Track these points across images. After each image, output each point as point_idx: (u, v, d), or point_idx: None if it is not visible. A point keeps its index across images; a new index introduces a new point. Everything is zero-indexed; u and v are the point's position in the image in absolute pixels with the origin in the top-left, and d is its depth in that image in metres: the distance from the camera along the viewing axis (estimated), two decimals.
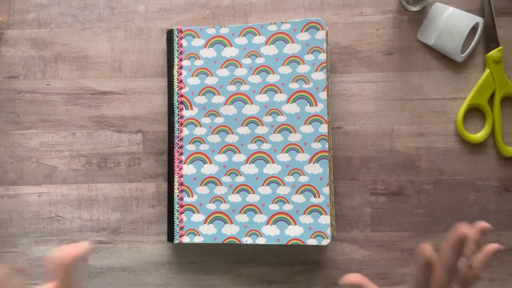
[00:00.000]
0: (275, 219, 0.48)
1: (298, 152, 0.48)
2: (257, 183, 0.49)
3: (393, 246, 0.51)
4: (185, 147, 0.50)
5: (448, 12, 0.51)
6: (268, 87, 0.49)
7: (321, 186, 0.48)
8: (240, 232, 0.49)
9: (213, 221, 0.49)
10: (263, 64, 0.50)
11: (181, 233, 0.50)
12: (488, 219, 0.51)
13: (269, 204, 0.49)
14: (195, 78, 0.50)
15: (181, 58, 0.51)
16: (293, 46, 0.49)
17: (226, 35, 0.50)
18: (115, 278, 0.52)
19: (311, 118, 0.49)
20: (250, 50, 0.50)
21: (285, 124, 0.49)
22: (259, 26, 0.50)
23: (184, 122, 0.50)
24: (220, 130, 0.50)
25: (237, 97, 0.50)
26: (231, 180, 0.49)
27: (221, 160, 0.50)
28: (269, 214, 0.48)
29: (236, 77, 0.50)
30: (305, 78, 0.49)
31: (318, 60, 0.49)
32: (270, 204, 0.48)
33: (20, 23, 0.55)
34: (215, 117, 0.50)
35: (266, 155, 0.49)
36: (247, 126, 0.49)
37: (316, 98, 0.48)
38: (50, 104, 0.54)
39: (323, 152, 0.48)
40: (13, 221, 0.53)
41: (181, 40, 0.51)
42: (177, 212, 0.50)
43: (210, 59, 0.50)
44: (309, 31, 0.49)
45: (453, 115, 0.52)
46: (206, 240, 0.49)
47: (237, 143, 0.49)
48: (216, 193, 0.49)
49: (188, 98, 0.50)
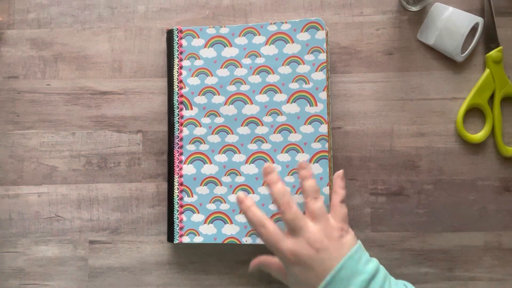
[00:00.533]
0: (275, 219, 0.48)
1: (298, 152, 0.48)
2: (257, 183, 0.49)
3: (393, 246, 0.51)
4: (185, 147, 0.50)
5: (448, 12, 0.51)
6: (268, 87, 0.49)
7: (321, 186, 0.48)
8: (240, 232, 0.49)
9: (213, 221, 0.49)
10: (263, 64, 0.50)
11: (181, 233, 0.50)
12: (488, 219, 0.51)
13: (269, 204, 0.49)
14: (195, 78, 0.50)
15: (181, 58, 0.51)
16: (293, 46, 0.49)
17: (226, 35, 0.50)
18: (115, 278, 0.52)
19: (311, 118, 0.49)
20: (250, 50, 0.50)
21: (285, 124, 0.49)
22: (259, 26, 0.50)
23: (184, 122, 0.50)
24: (220, 130, 0.50)
25: (237, 97, 0.50)
26: (231, 180, 0.49)
27: (221, 160, 0.50)
28: (269, 214, 0.48)
29: (236, 77, 0.50)
30: (305, 78, 0.49)
31: (318, 60, 0.49)
32: (270, 204, 0.49)
33: (20, 23, 0.55)
34: (215, 117, 0.50)
35: (266, 155, 0.49)
36: (247, 126, 0.49)
37: (316, 98, 0.48)
38: (50, 104, 0.54)
39: (323, 152, 0.48)
40: (13, 221, 0.53)
41: (181, 40, 0.51)
42: (177, 212, 0.50)
43: (210, 59, 0.50)
44: (309, 31, 0.49)
45: (453, 115, 0.52)
46: (206, 240, 0.49)
47: (237, 143, 0.49)
48: (216, 193, 0.49)
49: (188, 98, 0.50)
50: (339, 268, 0.39)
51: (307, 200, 0.43)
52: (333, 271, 0.39)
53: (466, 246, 0.51)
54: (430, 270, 0.51)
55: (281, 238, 0.42)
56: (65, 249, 0.53)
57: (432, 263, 0.51)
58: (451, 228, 0.51)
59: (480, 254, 0.51)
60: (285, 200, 0.42)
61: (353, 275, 0.39)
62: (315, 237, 0.41)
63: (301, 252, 0.40)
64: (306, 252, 0.40)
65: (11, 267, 0.53)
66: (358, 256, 0.40)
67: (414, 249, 0.51)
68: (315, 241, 0.40)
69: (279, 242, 0.41)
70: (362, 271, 0.39)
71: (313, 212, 0.42)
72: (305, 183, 0.43)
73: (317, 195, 0.43)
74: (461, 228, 0.51)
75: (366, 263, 0.40)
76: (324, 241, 0.40)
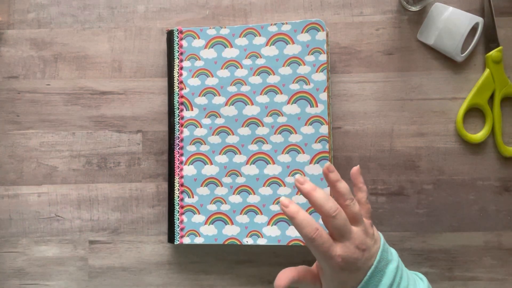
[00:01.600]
0: (276, 219, 0.48)
1: (299, 153, 0.48)
2: (258, 184, 0.49)
3: (393, 246, 0.51)
4: (186, 148, 0.50)
5: (448, 12, 0.51)
6: (268, 88, 0.49)
7: (322, 187, 0.48)
8: (240, 233, 0.49)
9: (213, 222, 0.49)
10: (263, 65, 0.50)
11: (181, 234, 0.50)
12: (488, 219, 0.51)
13: (270, 205, 0.49)
14: (196, 79, 0.50)
15: (182, 59, 0.51)
16: (294, 47, 0.49)
17: (226, 36, 0.50)
18: (115, 278, 0.52)
19: (311, 119, 0.49)
20: (250, 51, 0.50)
21: (286, 125, 0.49)
22: (259, 27, 0.50)
23: (185, 123, 0.50)
24: (220, 131, 0.50)
25: (237, 98, 0.50)
26: (232, 181, 0.49)
27: (222, 161, 0.50)
28: (269, 215, 0.48)
29: (237, 77, 0.50)
30: (305, 79, 0.49)
31: (318, 61, 0.49)
32: (271, 205, 0.49)
33: (20, 23, 0.55)
34: (216, 118, 0.50)
35: (267, 156, 0.49)
36: (248, 127, 0.49)
37: (316, 99, 0.48)
38: (50, 104, 0.54)
39: (323, 153, 0.48)
40: (13, 221, 0.53)
41: (182, 41, 0.51)
42: (177, 213, 0.50)
43: (211, 60, 0.50)
44: (310, 32, 0.49)
45: (453, 115, 0.52)
46: (207, 241, 0.49)
47: (237, 144, 0.49)
48: (216, 194, 0.49)
49: (188, 99, 0.50)
50: (378, 261, 0.39)
51: (346, 203, 0.41)
52: (373, 266, 0.39)
53: (466, 246, 0.51)
54: (430, 270, 0.51)
55: (332, 244, 0.39)
56: (65, 249, 0.53)
57: (432, 263, 0.51)
58: (451, 228, 0.51)
59: (480, 254, 0.51)
60: (333, 205, 0.39)
61: (386, 264, 0.40)
62: (360, 239, 0.40)
63: (351, 256, 0.39)
64: (355, 255, 0.39)
65: (11, 267, 0.53)
66: (386, 246, 0.42)
67: (414, 249, 0.51)
68: (362, 243, 0.39)
69: (331, 248, 0.39)
70: (392, 259, 0.41)
71: (354, 215, 0.40)
72: (340, 185, 0.41)
73: (352, 196, 0.41)
74: (461, 228, 0.51)
75: (391, 250, 0.42)
76: (367, 242, 0.40)
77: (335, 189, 0.41)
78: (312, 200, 0.40)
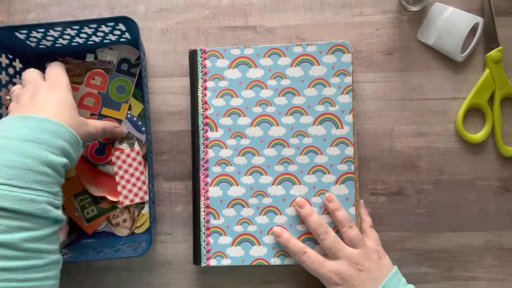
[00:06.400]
0: (303, 239, 0.48)
1: (325, 173, 0.48)
2: (284, 204, 0.49)
3: (393, 246, 0.51)
4: (211, 169, 0.49)
5: (448, 12, 0.51)
6: (294, 109, 0.49)
7: (348, 206, 0.48)
8: (268, 253, 0.49)
9: (240, 243, 0.49)
10: (288, 86, 0.49)
11: (208, 256, 0.49)
12: (488, 219, 0.51)
13: (297, 225, 0.48)
14: (220, 99, 0.50)
15: (205, 79, 0.50)
16: (319, 69, 0.49)
17: (250, 56, 0.50)
18: (115, 278, 0.52)
19: (337, 141, 0.49)
20: (275, 71, 0.49)
21: (311, 146, 0.49)
22: (284, 47, 0.49)
23: (209, 144, 0.50)
24: (246, 152, 0.49)
25: (262, 118, 0.49)
26: (258, 201, 0.49)
27: (248, 182, 0.49)
28: (297, 234, 0.48)
29: (262, 98, 0.49)
30: (331, 100, 0.49)
31: (344, 83, 0.49)
32: (298, 225, 0.48)
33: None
34: (241, 139, 0.49)
35: (293, 177, 0.49)
36: (274, 148, 0.49)
37: (342, 121, 0.48)
38: None
39: (349, 173, 0.48)
40: None
41: (205, 60, 0.50)
42: (203, 234, 0.49)
43: (235, 80, 0.50)
44: (335, 53, 0.49)
45: (453, 115, 0.52)
46: (234, 262, 0.49)
47: (263, 165, 0.49)
48: (243, 215, 0.49)
49: (213, 119, 0.50)
50: (382, 286, 0.43)
51: (343, 229, 0.46)
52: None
53: (466, 246, 0.51)
54: (430, 270, 0.51)
55: (323, 261, 0.45)
56: None
57: (432, 263, 0.51)
58: (451, 228, 0.51)
59: (480, 254, 0.51)
60: (323, 229, 0.46)
61: None
62: (355, 259, 0.44)
63: (345, 272, 0.44)
64: (349, 272, 0.44)
65: None
66: (398, 277, 0.45)
67: (414, 249, 0.51)
68: (357, 263, 0.44)
69: (322, 265, 0.45)
70: None
71: (351, 239, 0.45)
72: (338, 213, 0.46)
73: (351, 223, 0.46)
74: (461, 228, 0.51)
75: (404, 285, 0.44)
76: (365, 263, 0.44)
77: (334, 217, 0.47)
78: (307, 224, 0.47)
